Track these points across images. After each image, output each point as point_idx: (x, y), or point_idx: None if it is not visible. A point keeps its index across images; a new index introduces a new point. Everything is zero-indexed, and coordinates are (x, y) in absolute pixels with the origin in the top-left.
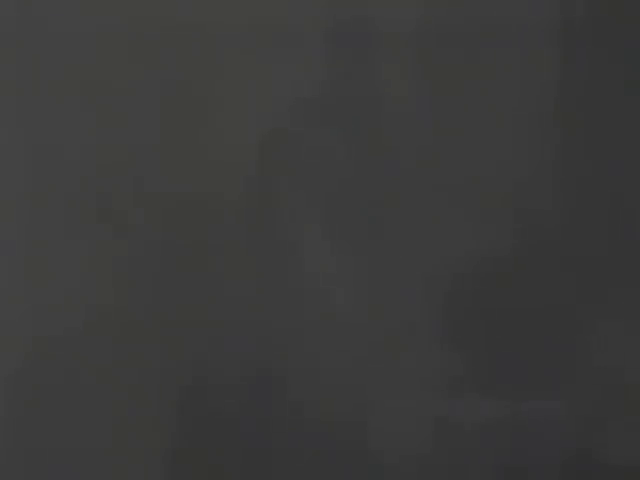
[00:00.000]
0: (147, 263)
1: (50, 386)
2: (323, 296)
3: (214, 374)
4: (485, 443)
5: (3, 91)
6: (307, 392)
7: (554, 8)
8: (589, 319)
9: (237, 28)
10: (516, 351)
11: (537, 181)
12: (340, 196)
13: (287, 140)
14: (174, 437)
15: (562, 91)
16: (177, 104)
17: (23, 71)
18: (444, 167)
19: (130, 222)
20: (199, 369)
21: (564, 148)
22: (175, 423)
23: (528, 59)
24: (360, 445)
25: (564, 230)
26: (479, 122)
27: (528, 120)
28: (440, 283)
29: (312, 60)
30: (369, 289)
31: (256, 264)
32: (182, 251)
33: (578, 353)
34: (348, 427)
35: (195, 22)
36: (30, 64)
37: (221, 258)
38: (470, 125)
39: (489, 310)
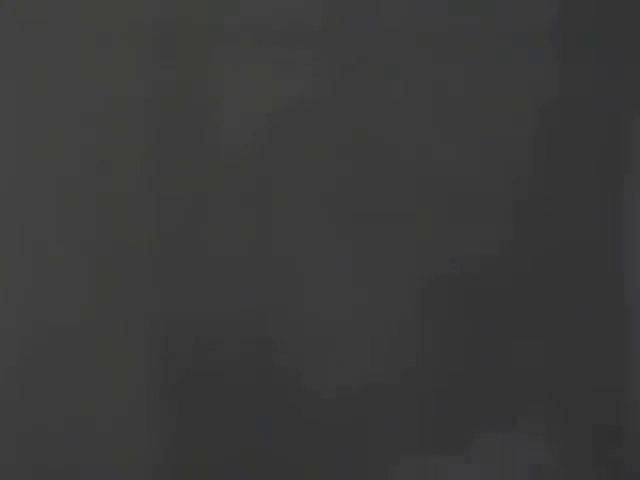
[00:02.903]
0: (146, 260)
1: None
2: (322, 295)
3: (212, 371)
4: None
5: (3, 92)
6: (306, 391)
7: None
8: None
9: (237, 27)
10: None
11: (536, 181)
12: (339, 195)
13: (287, 139)
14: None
15: (561, 91)
16: (176, 104)
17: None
18: (444, 167)
19: (129, 221)
20: (198, 365)
21: (563, 148)
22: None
23: (527, 59)
24: (358, 435)
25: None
26: (478, 122)
27: (527, 120)
28: (436, 283)
29: (310, 60)
30: (367, 287)
31: (255, 264)
32: (182, 250)
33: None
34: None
35: (194, 21)
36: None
37: (220, 258)
38: (469, 125)
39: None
